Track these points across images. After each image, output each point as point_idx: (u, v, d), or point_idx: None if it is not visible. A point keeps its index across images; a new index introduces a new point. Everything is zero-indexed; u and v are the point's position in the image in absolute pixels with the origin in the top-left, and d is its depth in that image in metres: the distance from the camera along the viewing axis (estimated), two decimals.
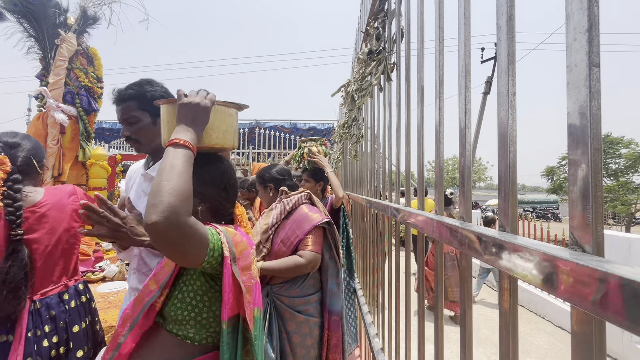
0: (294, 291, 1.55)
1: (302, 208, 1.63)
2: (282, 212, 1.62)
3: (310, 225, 1.54)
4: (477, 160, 31.02)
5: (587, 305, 0.31)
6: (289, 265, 1.47)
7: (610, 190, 13.76)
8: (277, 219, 1.60)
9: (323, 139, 2.43)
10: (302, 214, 1.59)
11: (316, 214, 1.59)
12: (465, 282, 0.64)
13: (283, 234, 1.57)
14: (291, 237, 1.54)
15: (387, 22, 1.42)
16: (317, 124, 7.56)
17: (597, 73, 0.34)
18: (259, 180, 1.77)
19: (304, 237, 1.53)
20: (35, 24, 2.41)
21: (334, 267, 1.62)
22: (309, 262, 1.48)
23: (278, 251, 1.55)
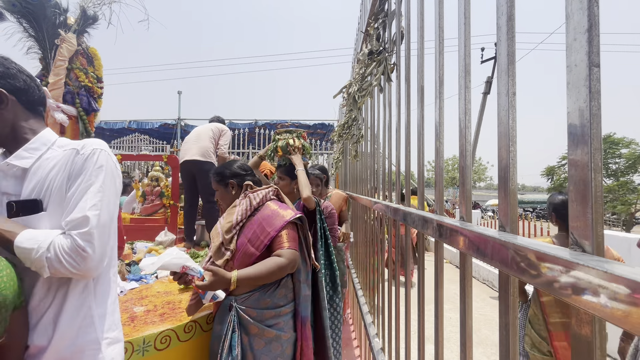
0: (264, 301, 1.32)
1: (270, 204, 1.44)
2: (248, 208, 1.41)
3: (282, 221, 1.36)
4: (477, 160, 31.02)
5: (587, 304, 0.31)
6: (271, 267, 1.26)
7: (610, 190, 13.76)
8: (243, 215, 1.40)
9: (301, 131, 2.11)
10: (271, 210, 1.41)
11: (287, 209, 1.43)
12: (465, 282, 0.64)
13: (250, 232, 1.37)
14: (261, 235, 1.35)
15: (387, 23, 1.42)
16: (317, 123, 7.56)
17: (597, 73, 0.34)
18: (218, 177, 1.55)
19: (277, 234, 1.34)
20: (34, 24, 2.41)
21: (304, 269, 1.44)
22: (290, 261, 1.30)
23: (245, 252, 1.34)
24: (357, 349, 2.41)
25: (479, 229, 0.53)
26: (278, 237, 1.34)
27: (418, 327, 0.90)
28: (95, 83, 2.63)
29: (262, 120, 7.52)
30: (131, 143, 8.87)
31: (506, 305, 0.50)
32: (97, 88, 2.65)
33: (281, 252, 1.31)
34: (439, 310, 0.78)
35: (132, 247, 2.74)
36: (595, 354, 0.34)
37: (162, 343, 1.38)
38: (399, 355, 1.22)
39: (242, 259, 1.34)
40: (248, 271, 1.25)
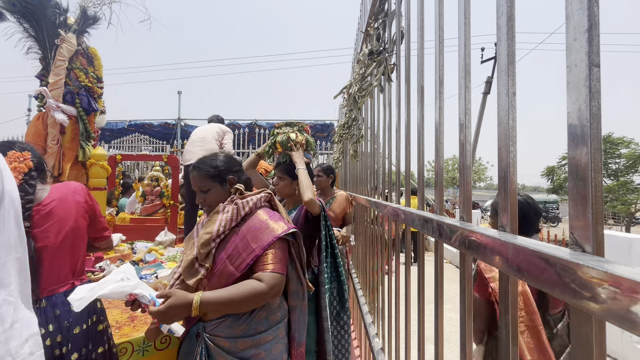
0: (238, 328, 1.09)
1: (260, 214, 1.18)
2: (234, 217, 1.15)
3: (270, 236, 1.11)
4: (477, 160, 31.03)
5: (587, 304, 0.31)
6: (245, 293, 1.02)
7: (610, 190, 13.76)
8: (227, 226, 1.14)
9: (303, 123, 1.84)
10: (260, 222, 1.15)
11: (278, 221, 1.17)
12: (465, 282, 0.63)
13: (231, 247, 1.12)
14: (243, 252, 1.10)
15: (387, 23, 1.42)
16: (318, 123, 7.56)
17: (597, 73, 0.34)
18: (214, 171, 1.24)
19: (262, 253, 1.10)
20: (35, 24, 2.41)
21: (300, 290, 1.23)
22: (271, 288, 1.05)
23: (222, 272, 1.10)
24: (357, 349, 2.41)
25: (479, 229, 0.53)
26: (263, 257, 1.10)
27: (418, 327, 0.90)
28: (95, 83, 2.63)
29: (262, 120, 7.53)
30: (131, 143, 8.88)
31: (506, 305, 0.50)
32: (97, 88, 2.65)
33: (262, 276, 1.06)
34: (439, 310, 0.78)
35: (132, 247, 2.74)
36: (595, 354, 0.34)
37: (162, 343, 1.38)
38: (399, 355, 1.22)
39: (219, 280, 1.10)
40: (217, 294, 1.02)
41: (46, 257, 1.15)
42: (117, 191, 3.94)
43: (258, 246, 1.10)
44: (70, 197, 1.26)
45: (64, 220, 1.21)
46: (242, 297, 1.03)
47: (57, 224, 1.19)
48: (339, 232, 2.38)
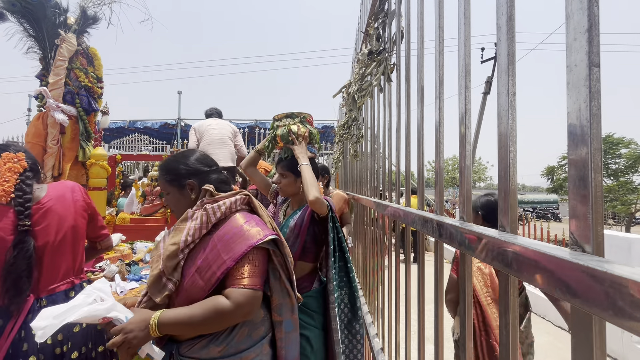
0: (215, 349, 0.97)
1: (236, 218, 1.04)
2: (204, 224, 1.02)
3: (245, 245, 0.97)
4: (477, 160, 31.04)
5: (587, 305, 0.31)
6: (207, 313, 0.91)
7: (610, 190, 13.76)
8: (196, 235, 1.01)
9: (305, 114, 1.68)
10: (234, 228, 1.02)
11: (256, 227, 1.03)
12: (465, 282, 0.63)
13: (201, 259, 0.99)
14: (213, 264, 0.97)
15: (387, 23, 1.42)
16: (317, 123, 7.56)
17: (597, 73, 0.34)
18: (170, 176, 1.12)
19: (234, 264, 0.96)
20: (34, 24, 2.41)
21: (288, 303, 1.10)
22: (238, 307, 0.92)
23: (191, 287, 0.98)
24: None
25: (478, 228, 0.53)
26: (235, 269, 0.96)
27: (418, 327, 0.90)
28: (95, 83, 2.63)
29: (263, 120, 7.54)
30: (131, 143, 8.89)
31: (506, 305, 0.50)
32: (97, 88, 2.65)
33: (230, 293, 0.93)
34: (439, 310, 0.78)
35: (132, 247, 2.74)
36: (595, 354, 0.34)
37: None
38: (399, 355, 1.22)
39: (188, 296, 0.98)
40: (177, 313, 0.92)
41: (47, 255, 1.16)
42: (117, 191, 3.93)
43: (229, 257, 0.96)
44: (69, 195, 1.27)
45: (63, 219, 1.21)
46: (204, 317, 0.91)
47: (57, 222, 1.20)
48: None
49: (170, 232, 1.06)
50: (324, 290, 1.51)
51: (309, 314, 1.44)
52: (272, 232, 1.05)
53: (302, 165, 1.52)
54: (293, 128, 1.61)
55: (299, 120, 1.66)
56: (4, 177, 1.13)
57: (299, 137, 1.61)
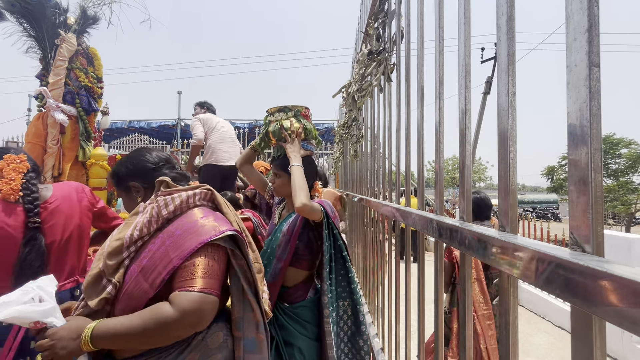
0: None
1: (192, 213, 0.92)
2: (155, 218, 0.89)
3: (196, 241, 0.84)
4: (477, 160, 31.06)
5: (587, 305, 0.31)
6: (147, 323, 0.75)
7: (610, 190, 13.76)
8: (144, 230, 0.88)
9: (302, 107, 1.52)
10: (188, 224, 0.89)
11: (215, 221, 0.90)
12: (465, 282, 0.64)
13: (147, 257, 0.85)
14: (159, 263, 0.83)
15: (387, 23, 1.42)
16: (316, 123, 7.56)
17: (597, 73, 0.34)
18: (115, 179, 1.04)
19: (181, 263, 0.82)
20: (34, 24, 2.41)
21: (251, 318, 0.93)
22: (185, 314, 0.76)
23: (134, 291, 0.83)
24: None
25: (478, 228, 0.53)
26: (183, 270, 0.81)
27: (418, 327, 0.90)
28: (95, 83, 2.63)
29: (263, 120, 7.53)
30: (131, 143, 8.88)
31: (506, 306, 0.50)
32: (97, 88, 2.65)
33: (174, 298, 0.78)
34: (439, 310, 0.78)
35: None
36: (595, 354, 0.34)
37: None
38: (399, 355, 1.22)
39: (129, 302, 0.83)
40: (114, 324, 0.77)
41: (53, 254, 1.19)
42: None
43: (177, 255, 0.82)
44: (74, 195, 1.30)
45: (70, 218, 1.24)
46: (144, 328, 0.75)
47: (63, 221, 1.23)
48: None
49: (118, 228, 0.93)
50: (319, 301, 1.38)
51: (301, 324, 1.34)
52: (232, 228, 0.90)
53: (292, 166, 1.37)
54: (285, 123, 1.45)
55: (292, 114, 1.49)
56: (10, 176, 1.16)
57: (291, 133, 1.45)
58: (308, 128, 1.49)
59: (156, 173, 1.01)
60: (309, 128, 1.49)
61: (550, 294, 0.35)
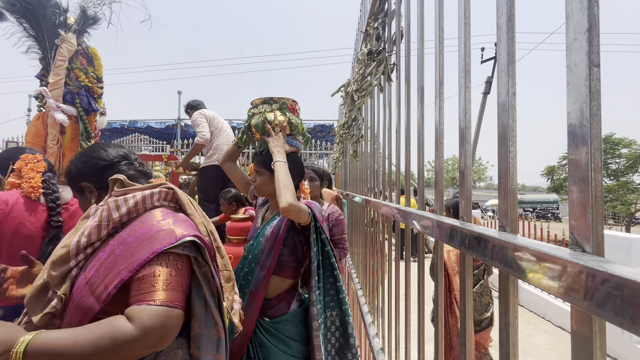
0: None
1: (150, 216, 0.81)
2: (104, 222, 0.78)
3: (149, 250, 0.73)
4: (477, 160, 31.05)
5: (587, 305, 0.31)
6: (99, 339, 0.64)
7: (610, 190, 13.77)
8: (94, 236, 0.77)
9: (288, 99, 1.39)
10: (143, 228, 0.77)
11: (174, 225, 0.78)
12: (465, 282, 0.64)
13: (95, 267, 0.75)
14: (108, 275, 0.72)
15: (387, 23, 1.42)
16: (317, 123, 7.57)
17: (597, 73, 0.34)
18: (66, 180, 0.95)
19: (134, 276, 0.71)
20: (34, 24, 2.41)
21: (212, 335, 0.81)
22: (147, 332, 0.65)
23: (79, 305, 0.72)
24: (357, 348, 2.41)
25: (478, 228, 0.53)
26: (141, 281, 0.70)
27: (418, 327, 0.90)
28: (95, 83, 2.63)
29: None
30: (131, 143, 8.89)
31: (506, 306, 0.50)
32: (97, 88, 2.65)
33: (135, 312, 0.67)
34: (439, 310, 0.78)
35: None
36: (595, 354, 0.34)
37: None
38: (399, 355, 1.22)
39: (73, 317, 0.72)
40: (54, 338, 0.63)
41: None
42: None
43: (126, 266, 0.71)
44: None
45: None
46: (95, 346, 0.62)
47: None
48: None
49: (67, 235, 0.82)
50: (304, 314, 1.26)
51: (284, 341, 1.19)
52: (192, 233, 0.79)
53: (276, 162, 1.24)
54: (269, 116, 1.32)
55: (277, 106, 1.36)
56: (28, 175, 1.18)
57: (275, 127, 1.31)
58: (294, 122, 1.36)
59: (110, 171, 0.90)
60: (294, 122, 1.36)
61: (551, 293, 0.35)
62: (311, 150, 7.04)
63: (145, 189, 0.85)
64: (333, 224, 1.94)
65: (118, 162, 0.93)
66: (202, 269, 0.81)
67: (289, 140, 1.35)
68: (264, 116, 1.34)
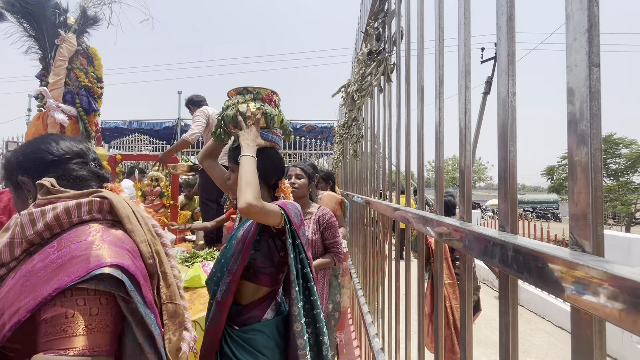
0: None
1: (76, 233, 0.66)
2: (19, 239, 0.65)
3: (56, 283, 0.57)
4: (477, 160, 31.04)
5: (587, 304, 0.31)
6: None
7: (610, 190, 13.76)
8: (6, 255, 0.65)
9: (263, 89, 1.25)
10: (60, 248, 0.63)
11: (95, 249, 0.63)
12: (465, 282, 0.64)
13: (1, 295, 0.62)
14: (8, 309, 0.58)
15: (387, 23, 1.42)
16: (317, 123, 7.57)
17: (597, 73, 0.34)
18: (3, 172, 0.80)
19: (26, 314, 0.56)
20: (34, 24, 2.41)
21: None
22: None
23: None
24: (357, 349, 2.41)
25: (479, 229, 0.53)
26: (46, 325, 0.56)
27: (418, 327, 0.90)
28: (95, 83, 2.63)
29: None
30: (131, 143, 8.88)
31: (506, 306, 0.50)
32: (97, 88, 2.65)
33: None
34: (439, 310, 0.78)
35: None
36: (595, 354, 0.34)
37: None
38: (399, 355, 1.22)
39: None
40: None
41: None
42: None
43: (25, 304, 0.56)
44: None
45: None
46: None
47: None
48: None
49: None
50: (281, 325, 1.12)
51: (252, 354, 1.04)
52: (114, 262, 0.61)
53: (242, 156, 1.09)
54: (241, 107, 1.20)
55: (251, 97, 1.23)
56: None
57: (247, 119, 1.18)
58: (269, 113, 1.21)
59: (56, 169, 0.74)
60: (270, 113, 1.21)
61: (550, 293, 0.35)
62: (311, 150, 7.05)
63: (73, 197, 0.70)
64: (324, 227, 1.79)
65: (69, 158, 0.77)
66: (129, 305, 0.63)
67: (265, 133, 1.20)
68: (236, 108, 1.21)
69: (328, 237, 1.79)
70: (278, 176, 1.23)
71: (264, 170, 1.15)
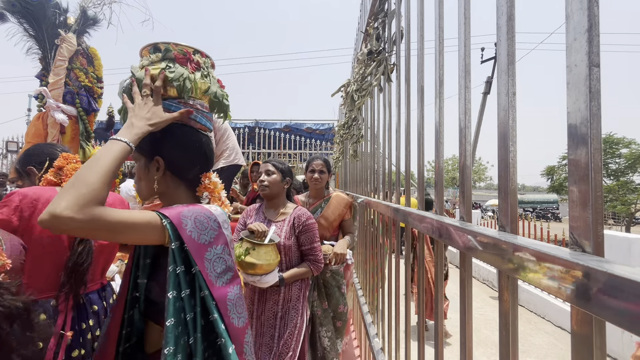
0: None
1: None
2: None
3: None
4: (477, 160, 31.04)
5: (587, 305, 0.31)
6: None
7: (610, 190, 13.76)
8: None
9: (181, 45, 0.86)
10: None
11: None
12: (465, 282, 0.63)
13: None
14: None
15: (387, 23, 1.42)
16: (317, 123, 7.56)
17: (597, 73, 0.34)
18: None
19: None
20: (34, 24, 2.42)
21: None
22: None
23: None
24: (357, 349, 2.41)
25: (479, 229, 0.53)
26: None
27: (418, 327, 0.90)
28: (95, 83, 2.63)
29: (263, 120, 7.52)
30: None
31: (506, 306, 0.50)
32: (97, 88, 2.65)
33: None
34: (439, 310, 0.78)
35: None
36: (595, 354, 0.34)
37: None
38: (399, 355, 1.22)
39: None
40: None
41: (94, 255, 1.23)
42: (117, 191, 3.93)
43: None
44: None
45: None
46: None
47: None
48: (331, 247, 1.81)
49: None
50: None
51: None
52: None
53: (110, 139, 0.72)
54: (138, 73, 0.82)
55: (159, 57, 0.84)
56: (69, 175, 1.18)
57: (144, 87, 0.79)
58: (177, 77, 0.81)
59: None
60: (178, 77, 0.82)
61: (549, 293, 0.35)
62: (311, 150, 7.05)
63: None
64: (300, 230, 1.54)
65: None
66: None
67: (173, 105, 0.81)
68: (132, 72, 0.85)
69: (304, 243, 1.53)
70: (199, 167, 0.86)
71: (170, 158, 0.81)
